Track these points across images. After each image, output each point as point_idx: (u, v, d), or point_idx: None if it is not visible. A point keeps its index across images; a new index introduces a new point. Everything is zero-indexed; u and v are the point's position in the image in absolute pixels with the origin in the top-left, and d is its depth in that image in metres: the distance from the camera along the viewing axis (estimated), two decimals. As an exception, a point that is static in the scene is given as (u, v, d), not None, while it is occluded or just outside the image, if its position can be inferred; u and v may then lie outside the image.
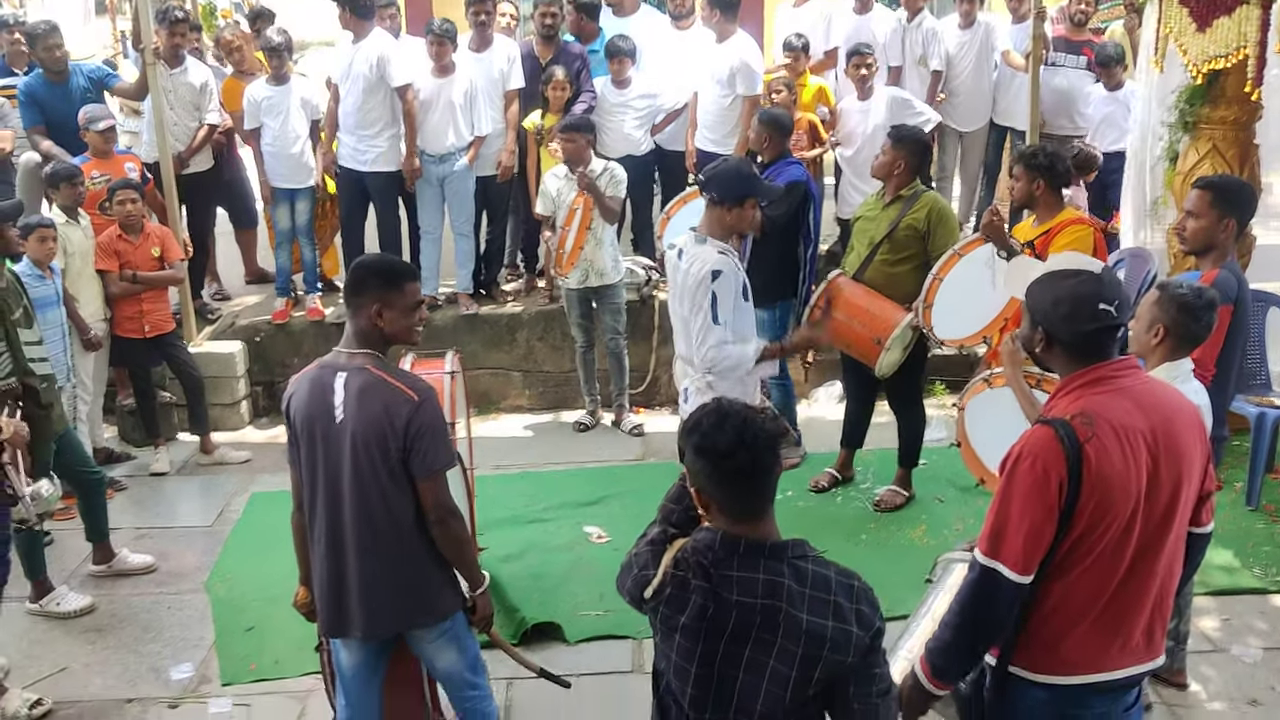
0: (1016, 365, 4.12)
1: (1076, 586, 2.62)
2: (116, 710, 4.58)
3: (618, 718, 4.39)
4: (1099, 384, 2.65)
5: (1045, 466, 2.53)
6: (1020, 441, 2.63)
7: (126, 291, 6.60)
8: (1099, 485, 2.52)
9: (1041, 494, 2.53)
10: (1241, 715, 4.31)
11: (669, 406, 7.77)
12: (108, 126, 6.97)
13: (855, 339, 5.64)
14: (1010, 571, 2.57)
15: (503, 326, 7.90)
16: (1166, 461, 2.61)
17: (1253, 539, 5.57)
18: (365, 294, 3.28)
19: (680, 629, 2.37)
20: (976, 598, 2.63)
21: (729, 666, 2.35)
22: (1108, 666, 2.70)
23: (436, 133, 7.52)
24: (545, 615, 5.06)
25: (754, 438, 2.31)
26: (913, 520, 5.94)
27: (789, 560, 2.36)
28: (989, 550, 2.60)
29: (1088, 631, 2.66)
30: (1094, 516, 2.55)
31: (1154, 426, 2.60)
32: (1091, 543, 2.58)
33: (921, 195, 5.69)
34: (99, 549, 5.63)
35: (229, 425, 7.56)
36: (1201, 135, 6.52)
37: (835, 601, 2.33)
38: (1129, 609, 2.68)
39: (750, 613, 2.32)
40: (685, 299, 4.49)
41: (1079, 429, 2.54)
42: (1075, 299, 2.65)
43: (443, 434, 3.35)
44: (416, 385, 3.32)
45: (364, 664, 3.54)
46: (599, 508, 6.22)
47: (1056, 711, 2.72)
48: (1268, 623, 4.91)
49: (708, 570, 2.36)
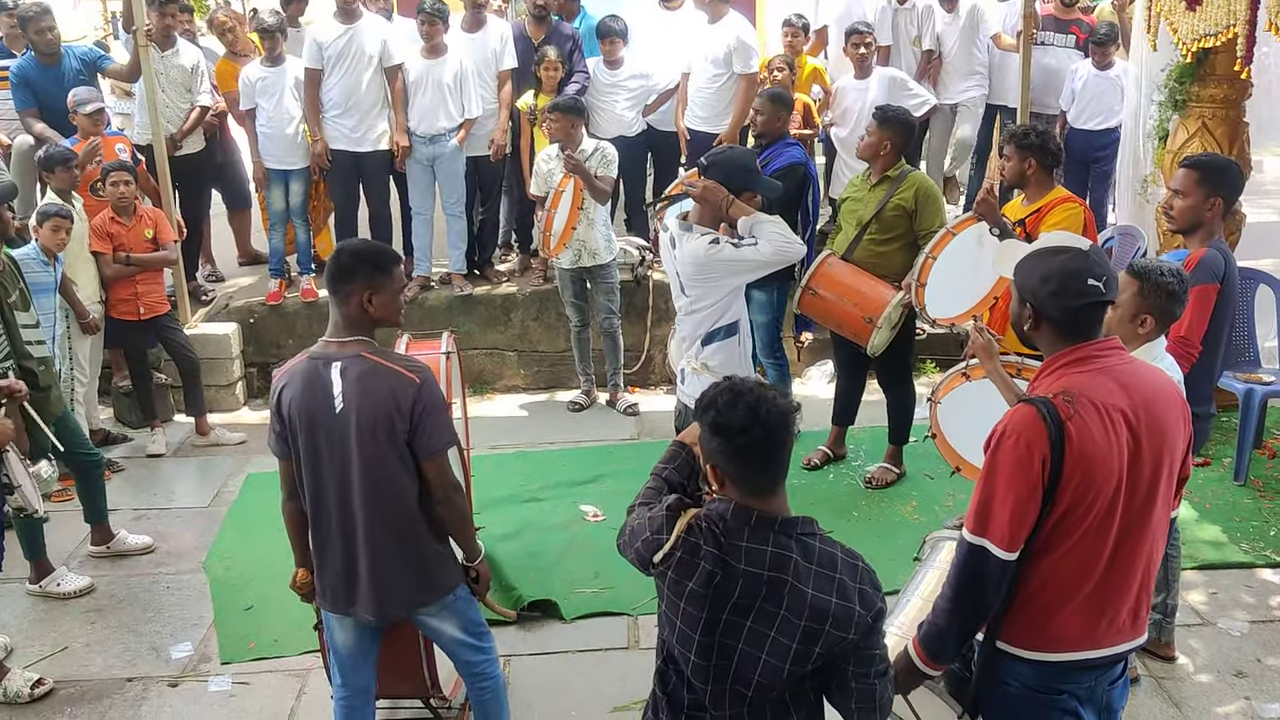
0: (993, 356, 4.13)
1: (1062, 564, 2.66)
2: (117, 689, 4.62)
3: (614, 693, 4.44)
4: (1082, 363, 2.68)
5: (1028, 444, 2.57)
6: (1004, 420, 2.66)
7: (121, 273, 6.62)
8: (1081, 462, 2.56)
9: (1025, 471, 2.57)
10: (1228, 687, 4.38)
11: (664, 386, 7.82)
12: (96, 109, 6.97)
13: (846, 318, 5.69)
14: (997, 548, 2.61)
15: (497, 307, 7.93)
16: (1149, 440, 2.64)
17: (1240, 514, 5.63)
18: (355, 280, 3.28)
19: (687, 595, 2.41)
20: (966, 576, 2.67)
21: (730, 636, 2.39)
22: (1094, 644, 2.74)
23: (427, 114, 7.51)
24: (542, 593, 5.11)
25: (767, 414, 2.36)
26: (903, 497, 6.00)
27: (798, 536, 2.41)
28: (976, 528, 2.64)
29: (1075, 610, 2.70)
30: (1077, 493, 2.58)
31: (1136, 406, 2.64)
32: (1075, 520, 2.62)
33: (908, 175, 5.73)
34: (97, 530, 5.66)
35: (224, 407, 7.59)
36: (1191, 113, 6.56)
37: (840, 579, 2.38)
38: (1116, 588, 2.72)
39: (756, 583, 2.37)
40: (695, 281, 4.40)
41: (1061, 407, 2.58)
42: (1063, 275, 2.68)
43: (444, 413, 3.38)
44: (414, 367, 3.34)
45: (358, 642, 3.57)
46: (594, 486, 6.27)
47: (1043, 687, 2.76)
48: (1254, 596, 4.98)
49: (719, 539, 2.41)
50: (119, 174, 6.59)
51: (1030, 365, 4.44)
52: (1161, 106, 6.82)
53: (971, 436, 4.73)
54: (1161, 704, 4.28)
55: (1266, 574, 5.15)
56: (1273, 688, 4.35)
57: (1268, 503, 5.74)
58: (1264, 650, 4.59)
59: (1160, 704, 4.28)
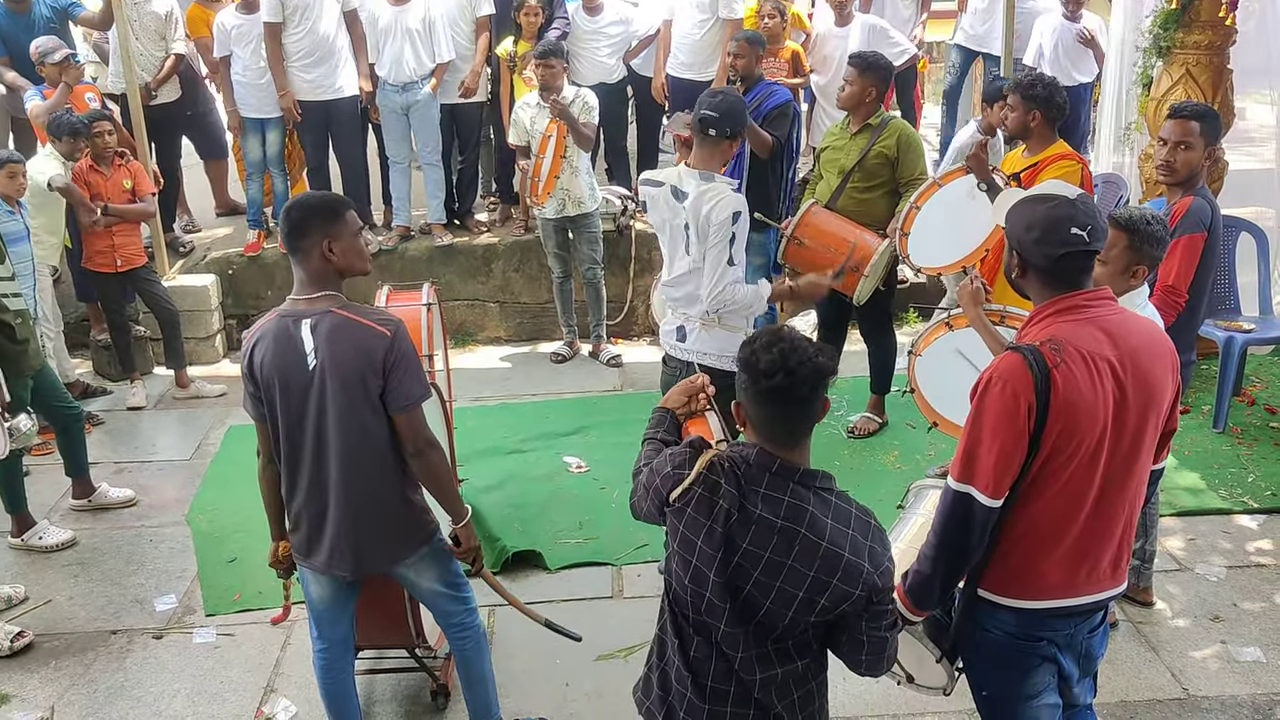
0: (979, 304, 4.13)
1: (1045, 512, 2.68)
2: (102, 641, 4.63)
3: (599, 642, 4.47)
4: (1069, 313, 2.68)
5: (1015, 391, 2.57)
6: (990, 368, 2.66)
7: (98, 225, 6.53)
8: (1065, 410, 2.57)
9: (1011, 418, 2.58)
10: (1205, 631, 4.43)
11: (646, 337, 7.80)
12: (63, 57, 6.84)
13: (832, 268, 5.66)
14: (982, 495, 2.62)
15: (478, 257, 7.88)
16: (1135, 391, 2.64)
17: (1218, 461, 5.68)
18: (310, 233, 3.23)
19: (705, 532, 2.42)
20: (951, 523, 2.68)
21: (739, 579, 2.41)
22: (1075, 592, 2.77)
23: (397, 61, 7.40)
24: (526, 544, 5.13)
25: (798, 364, 2.34)
26: (885, 446, 6.02)
27: (816, 489, 2.42)
28: (961, 475, 2.65)
29: (1057, 557, 2.72)
30: (1060, 441, 2.59)
31: (1123, 356, 2.64)
32: (1058, 468, 2.63)
33: (889, 122, 5.71)
34: (78, 484, 5.64)
35: (204, 359, 7.55)
36: (1175, 60, 6.53)
37: (853, 535, 2.39)
38: (1097, 537, 2.74)
39: (769, 530, 2.38)
40: (703, 239, 4.32)
41: (1047, 355, 2.58)
42: (1047, 223, 2.67)
43: (416, 365, 3.33)
44: (385, 320, 3.29)
45: (333, 597, 3.56)
46: (578, 438, 6.27)
47: (1023, 634, 2.79)
48: (1231, 542, 5.03)
49: (739, 480, 2.42)
50: (103, 124, 6.48)
51: (1014, 314, 4.44)
52: (1145, 53, 6.78)
53: (948, 392, 4.75)
54: (1139, 648, 4.34)
55: (1244, 520, 5.20)
56: (1248, 632, 4.42)
57: (1246, 450, 5.79)
58: (1240, 595, 4.65)
59: (1138, 648, 4.34)
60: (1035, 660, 2.81)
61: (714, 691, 2.51)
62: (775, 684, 2.48)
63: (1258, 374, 6.67)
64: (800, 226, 5.64)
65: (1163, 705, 4.02)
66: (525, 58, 7.37)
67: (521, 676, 4.31)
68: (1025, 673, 2.82)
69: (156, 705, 4.24)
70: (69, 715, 4.20)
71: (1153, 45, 6.65)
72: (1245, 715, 3.97)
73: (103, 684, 4.36)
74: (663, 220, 4.47)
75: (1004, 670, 2.85)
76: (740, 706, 2.51)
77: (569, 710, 4.13)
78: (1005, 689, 2.87)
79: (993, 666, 2.87)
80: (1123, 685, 4.13)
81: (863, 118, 5.68)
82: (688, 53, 7.69)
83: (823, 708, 2.60)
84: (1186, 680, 4.16)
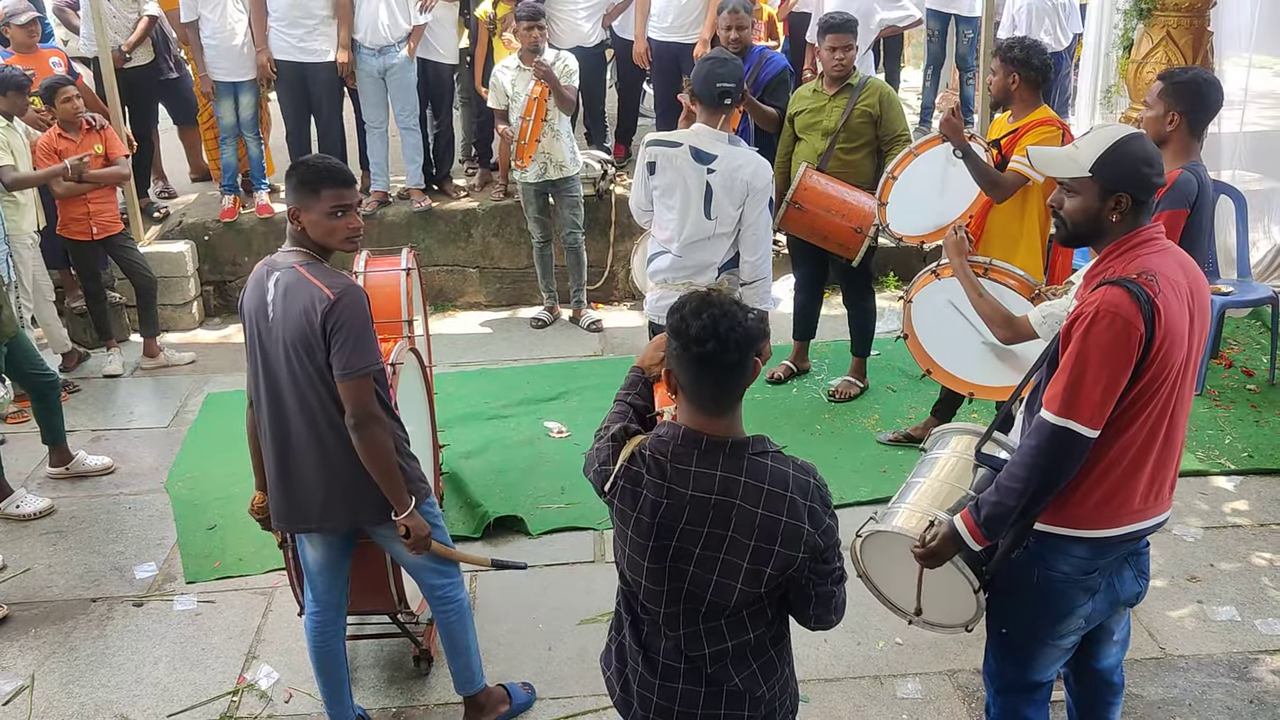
0: (963, 254, 4.14)
1: (1134, 439, 2.73)
2: (82, 610, 4.61)
3: (581, 606, 4.48)
4: (1148, 244, 2.73)
5: (1125, 323, 2.59)
6: (1092, 301, 2.66)
7: (72, 191, 6.40)
8: (1168, 337, 2.63)
9: (1123, 349, 2.61)
10: (1182, 591, 4.48)
11: (627, 301, 7.79)
12: (30, 19, 6.72)
13: (834, 230, 5.63)
14: (1084, 428, 2.64)
15: (457, 222, 7.82)
16: (1199, 318, 2.74)
17: (1196, 422, 5.71)
18: (291, 193, 3.27)
19: (634, 523, 2.40)
20: (1048, 457, 2.68)
21: (682, 560, 2.38)
22: (1147, 515, 2.84)
23: (373, 24, 7.29)
24: (507, 509, 5.12)
25: (728, 330, 2.29)
26: (866, 410, 6.04)
27: (749, 456, 2.37)
28: (1062, 409, 2.65)
29: (1140, 483, 2.78)
30: (1159, 369, 2.65)
31: (1192, 283, 2.73)
32: (1149, 396, 2.68)
33: (868, 81, 5.72)
34: (56, 451, 5.60)
35: (181, 326, 7.49)
36: (1156, 22, 6.52)
37: (790, 498, 2.35)
38: (1168, 458, 2.82)
39: (704, 507, 2.35)
40: (737, 204, 4.30)
41: (1147, 285, 2.62)
42: (1157, 156, 2.73)
43: (363, 335, 3.21)
44: (335, 283, 3.21)
45: (329, 559, 3.56)
46: (558, 403, 6.27)
47: (1089, 567, 2.84)
48: (1208, 503, 5.08)
49: (664, 466, 2.37)
50: (68, 89, 6.36)
51: (999, 266, 4.43)
52: (1126, 15, 6.77)
53: (943, 337, 4.75)
54: (1117, 608, 4.38)
55: (1220, 481, 5.25)
56: (1224, 591, 4.46)
57: (1224, 412, 5.84)
58: (1216, 555, 4.70)
59: (1116, 608, 4.38)
60: (1083, 598, 2.85)
61: (666, 668, 2.50)
62: (728, 658, 2.46)
63: (1235, 336, 6.70)
64: (800, 191, 5.60)
65: (1140, 664, 4.07)
66: (505, 20, 7.29)
67: (505, 641, 4.31)
68: (1069, 612, 2.87)
69: (138, 673, 4.23)
70: (49, 683, 4.18)
71: (1133, 7, 6.65)
72: (1221, 673, 4.02)
73: (83, 652, 4.35)
74: (675, 182, 4.41)
75: (1049, 609, 2.88)
76: (692, 684, 2.48)
77: (552, 674, 4.14)
78: (1037, 627, 2.91)
79: (1039, 605, 2.88)
80: (1101, 645, 4.17)
81: (843, 79, 5.66)
82: (676, 15, 7.60)
83: (784, 677, 2.57)
84: (1164, 639, 4.20)
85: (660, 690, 2.51)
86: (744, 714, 2.50)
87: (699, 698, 2.49)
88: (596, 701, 3.94)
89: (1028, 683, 3.01)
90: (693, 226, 4.41)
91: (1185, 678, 4.01)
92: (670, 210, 4.50)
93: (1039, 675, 3.00)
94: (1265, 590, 4.46)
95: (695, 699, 2.49)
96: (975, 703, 3.88)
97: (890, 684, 4.02)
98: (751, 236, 4.39)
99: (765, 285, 4.56)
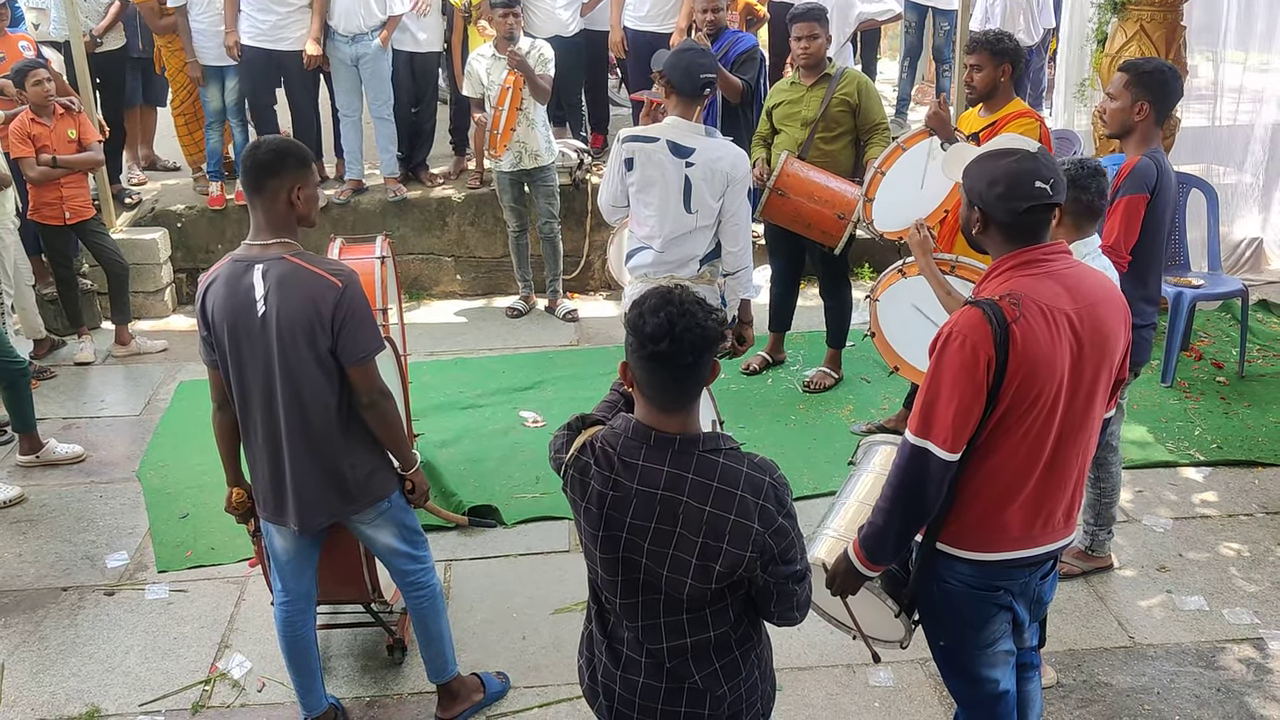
0: (928, 252, 4.15)
1: (1004, 465, 2.69)
2: (52, 599, 4.57)
3: (555, 595, 4.49)
4: (1028, 266, 2.68)
5: (974, 345, 2.57)
6: (949, 322, 2.66)
7: (46, 176, 6.35)
8: (1024, 364, 2.58)
9: (970, 372, 2.58)
10: (1151, 581, 4.52)
11: (602, 291, 7.78)
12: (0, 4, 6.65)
13: (817, 218, 5.64)
14: (940, 449, 2.62)
15: (432, 211, 7.79)
16: (1091, 344, 2.66)
17: (1166, 414, 5.77)
18: (280, 175, 3.16)
19: (583, 513, 2.40)
20: (908, 477, 2.68)
21: (633, 552, 2.38)
22: (1032, 543, 2.80)
23: (347, 12, 7.25)
24: (482, 499, 5.11)
25: (684, 330, 2.25)
26: (840, 401, 6.06)
27: (700, 454, 2.34)
28: (919, 429, 2.65)
29: (1016, 510, 2.74)
30: (1019, 395, 2.61)
31: (1080, 309, 2.65)
32: (1016, 421, 2.64)
33: (845, 71, 5.75)
34: (26, 439, 5.55)
35: (153, 314, 7.44)
36: (1130, 16, 6.55)
37: (740, 496, 2.32)
38: (1053, 488, 2.76)
39: (650, 502, 2.33)
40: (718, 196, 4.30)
41: (1006, 309, 2.58)
42: (1010, 178, 2.65)
43: (369, 318, 3.28)
44: (339, 271, 3.24)
45: (298, 547, 3.55)
46: (534, 393, 6.26)
47: (982, 585, 2.82)
48: (1178, 494, 5.13)
49: (612, 458, 2.36)
50: (38, 73, 6.30)
51: (966, 264, 4.46)
52: (1101, 9, 6.81)
53: (910, 336, 4.77)
54: (1087, 597, 4.41)
55: (1189, 472, 5.30)
56: (1193, 581, 4.51)
57: (1193, 404, 5.89)
58: (1185, 545, 4.75)
59: (1086, 597, 4.42)
60: (992, 610, 2.85)
61: (628, 660, 2.49)
62: (688, 654, 2.44)
63: (1205, 329, 6.77)
64: (782, 179, 5.61)
65: (1110, 653, 4.11)
66: (480, 8, 7.25)
67: (480, 630, 4.31)
68: (983, 622, 2.86)
69: (109, 662, 4.20)
70: (20, 672, 4.15)
71: (1108, 1, 6.67)
72: (1190, 662, 4.07)
73: (54, 640, 4.32)
74: (654, 177, 4.38)
75: (962, 621, 2.88)
76: (652, 678, 2.47)
77: (527, 662, 4.15)
78: (963, 638, 2.91)
79: (951, 617, 2.90)
80: (1071, 634, 4.21)
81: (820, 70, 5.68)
82: (648, 4, 7.61)
83: (753, 679, 2.53)
84: (1133, 629, 4.24)
85: (622, 682, 2.51)
86: (704, 713, 2.48)
87: (659, 693, 2.48)
88: (571, 690, 3.94)
89: (985, 695, 2.99)
90: (673, 222, 4.39)
91: (1154, 666, 4.05)
92: (648, 207, 4.46)
93: (990, 685, 2.97)
94: (1233, 580, 4.51)
95: (655, 694, 2.48)
96: (946, 691, 3.90)
97: (862, 672, 4.04)
98: (733, 227, 4.40)
99: (747, 275, 4.57)
